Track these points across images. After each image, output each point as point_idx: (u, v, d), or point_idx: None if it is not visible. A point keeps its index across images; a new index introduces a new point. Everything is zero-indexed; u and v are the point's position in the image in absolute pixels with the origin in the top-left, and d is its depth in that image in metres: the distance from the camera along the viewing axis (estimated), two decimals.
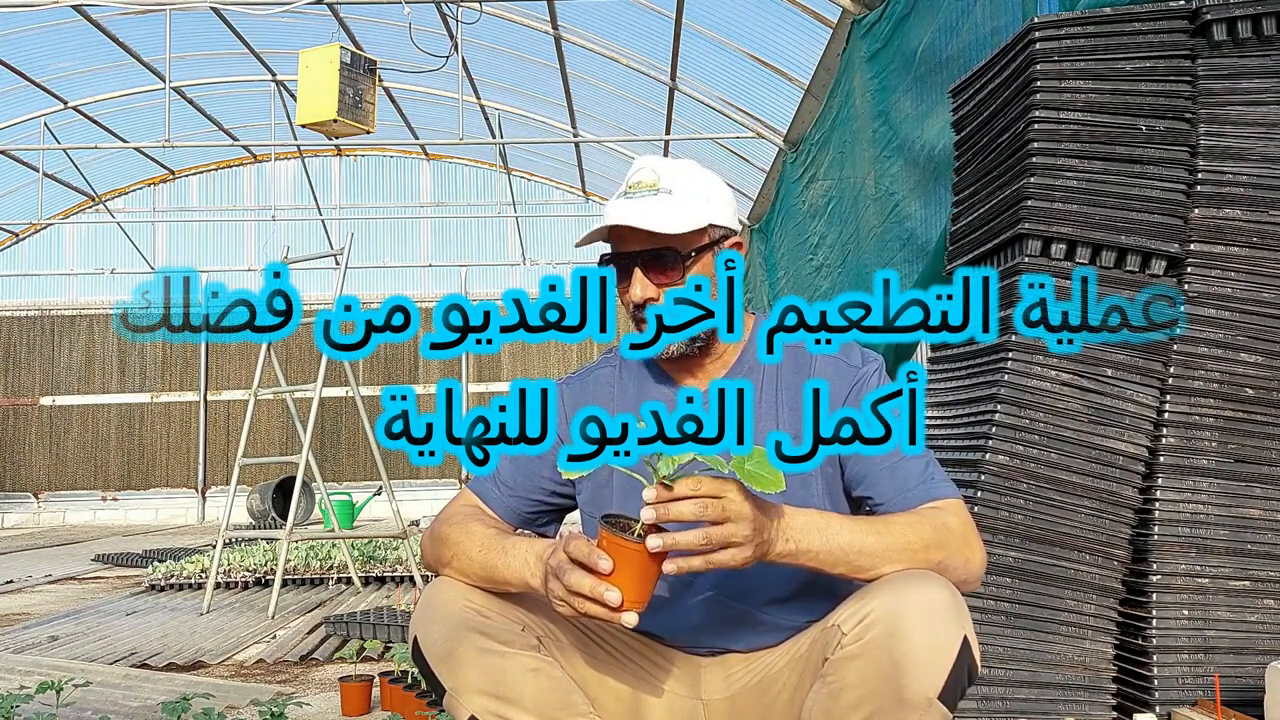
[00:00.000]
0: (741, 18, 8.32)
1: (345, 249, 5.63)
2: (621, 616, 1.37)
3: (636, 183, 1.65)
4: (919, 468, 1.62)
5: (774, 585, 1.67)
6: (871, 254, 6.23)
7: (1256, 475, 2.75)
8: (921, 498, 1.59)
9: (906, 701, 1.42)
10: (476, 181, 15.56)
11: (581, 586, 1.37)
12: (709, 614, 1.68)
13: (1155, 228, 2.83)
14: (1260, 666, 2.52)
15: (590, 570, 1.37)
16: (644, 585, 1.38)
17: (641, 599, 1.38)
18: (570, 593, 1.39)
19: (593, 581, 1.37)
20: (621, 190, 1.66)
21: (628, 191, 1.65)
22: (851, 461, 1.66)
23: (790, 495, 1.66)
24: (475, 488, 1.77)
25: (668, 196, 1.64)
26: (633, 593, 1.37)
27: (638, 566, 1.36)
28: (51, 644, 4.49)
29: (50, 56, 11.12)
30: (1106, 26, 2.87)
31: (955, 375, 3.18)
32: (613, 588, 1.36)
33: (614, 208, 1.64)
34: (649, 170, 1.66)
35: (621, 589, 1.36)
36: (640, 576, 1.37)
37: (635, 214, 1.61)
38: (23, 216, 14.11)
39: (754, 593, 1.67)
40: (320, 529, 10.23)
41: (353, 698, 3.12)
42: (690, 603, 1.68)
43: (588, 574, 1.37)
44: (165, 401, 15.07)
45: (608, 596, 1.36)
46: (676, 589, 1.68)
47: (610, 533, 1.37)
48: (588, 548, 1.38)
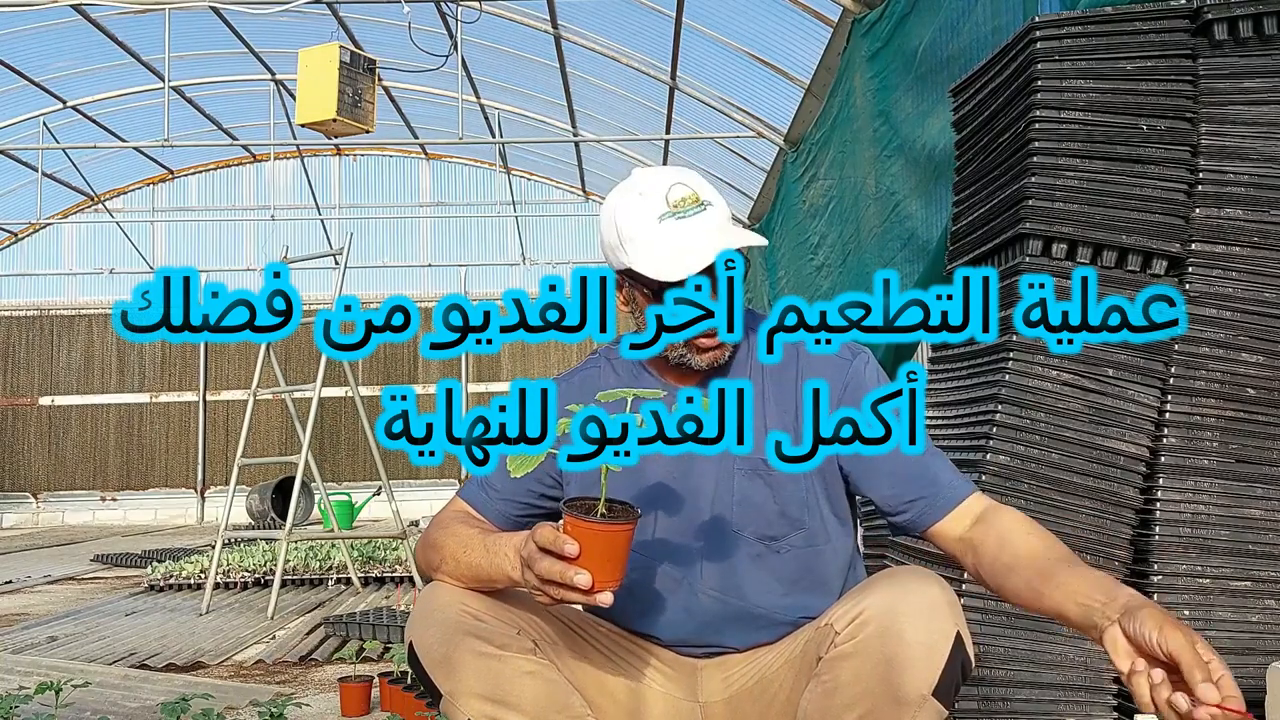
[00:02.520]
0: (742, 17, 8.31)
1: (345, 249, 5.62)
2: (596, 598, 1.37)
3: (680, 200, 1.59)
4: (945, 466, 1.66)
5: (768, 579, 1.68)
6: (872, 254, 6.22)
7: (1258, 475, 2.74)
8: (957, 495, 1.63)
9: (901, 699, 1.43)
10: (476, 181, 15.55)
11: (551, 573, 1.38)
12: (705, 610, 1.68)
13: (1156, 227, 2.82)
14: (1261, 667, 2.51)
15: (559, 556, 1.37)
16: (614, 564, 1.38)
17: (613, 578, 1.38)
18: (543, 580, 1.39)
19: (562, 567, 1.37)
20: (666, 210, 1.58)
21: (676, 211, 1.58)
22: (863, 464, 1.67)
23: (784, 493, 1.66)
24: (465, 494, 1.77)
25: (713, 209, 1.60)
26: (603, 573, 1.37)
27: (604, 546, 1.36)
28: (50, 644, 4.49)
29: (49, 56, 11.11)
30: (1107, 26, 2.87)
31: (955, 375, 3.18)
32: (581, 571, 1.36)
33: (681, 232, 1.57)
34: (682, 185, 1.60)
35: (591, 570, 1.36)
36: (608, 556, 1.37)
37: (726, 237, 1.57)
38: (22, 216, 14.10)
39: (749, 587, 1.67)
40: (320, 529, 10.23)
41: (352, 698, 3.12)
42: (686, 600, 1.68)
43: (557, 560, 1.38)
44: (164, 401, 15.07)
45: (577, 580, 1.36)
46: (672, 587, 1.69)
47: (573, 516, 1.37)
48: (553, 534, 1.38)
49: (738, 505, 1.66)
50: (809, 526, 1.67)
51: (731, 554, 1.67)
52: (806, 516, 1.67)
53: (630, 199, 1.61)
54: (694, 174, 1.65)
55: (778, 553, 1.67)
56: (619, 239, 1.61)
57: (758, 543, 1.67)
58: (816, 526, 1.68)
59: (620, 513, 1.40)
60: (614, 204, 1.64)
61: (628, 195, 1.62)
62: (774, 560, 1.67)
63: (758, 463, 1.65)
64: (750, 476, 1.66)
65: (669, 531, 1.68)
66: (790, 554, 1.67)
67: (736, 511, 1.66)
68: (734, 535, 1.67)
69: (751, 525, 1.66)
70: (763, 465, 1.65)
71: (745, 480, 1.66)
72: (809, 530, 1.68)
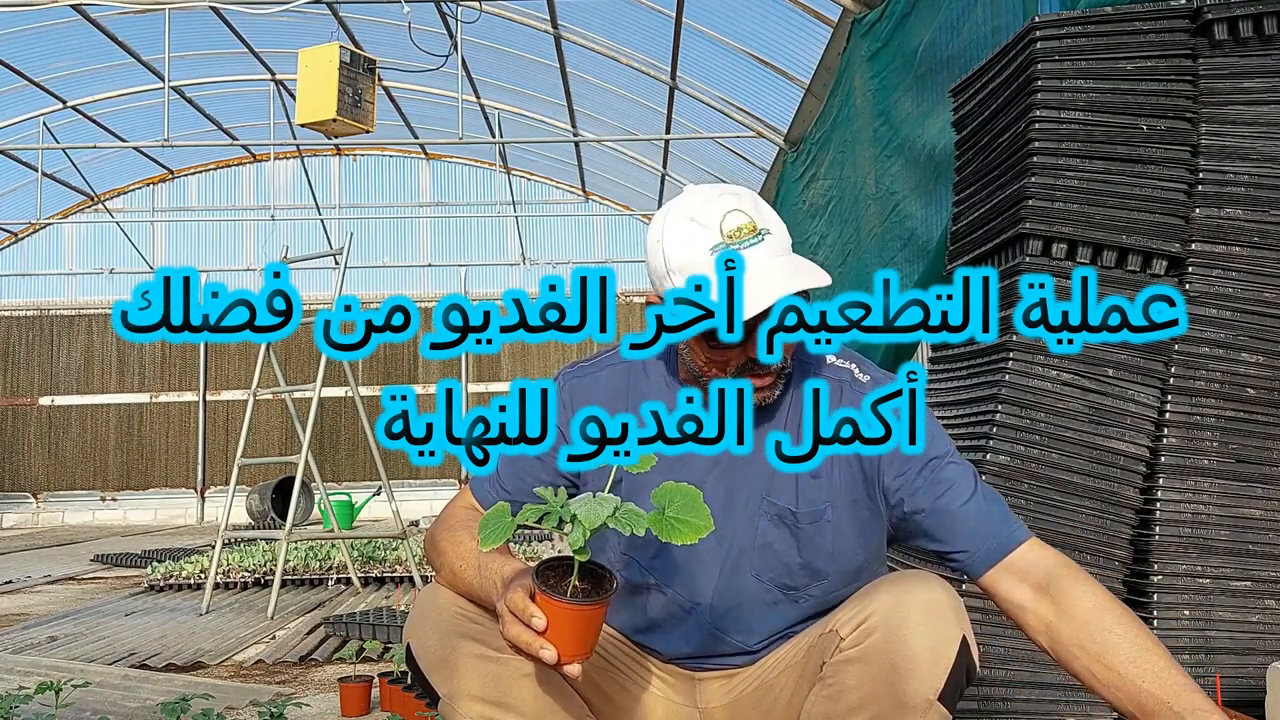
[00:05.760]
0: (742, 17, 8.31)
1: (345, 249, 5.62)
2: (564, 669, 1.34)
3: (736, 229, 1.47)
4: (998, 511, 1.57)
5: (778, 623, 1.65)
6: (872, 254, 6.22)
7: (1258, 475, 2.74)
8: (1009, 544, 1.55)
9: (906, 704, 1.42)
10: (476, 181, 15.54)
11: (519, 641, 1.35)
12: (709, 643, 1.66)
13: (1156, 227, 2.82)
14: (1261, 667, 2.51)
15: (528, 625, 1.34)
16: (582, 640, 1.34)
17: (580, 652, 1.34)
18: (511, 645, 1.37)
19: (529, 638, 1.34)
20: (720, 242, 1.46)
21: (732, 243, 1.46)
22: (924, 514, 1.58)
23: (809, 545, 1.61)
24: (475, 490, 1.74)
25: (771, 238, 1.49)
26: (570, 648, 1.33)
27: (572, 624, 1.33)
28: (50, 644, 4.49)
29: (49, 56, 11.10)
30: (1107, 26, 2.87)
31: (955, 375, 3.18)
32: (548, 645, 1.32)
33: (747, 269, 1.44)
34: (739, 213, 1.48)
35: (558, 646, 1.32)
36: (576, 633, 1.33)
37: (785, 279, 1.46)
38: (22, 216, 14.09)
39: (757, 628, 1.65)
40: (319, 529, 10.23)
41: (352, 698, 3.12)
42: (692, 630, 1.66)
43: (525, 629, 1.34)
44: (164, 401, 15.07)
45: (543, 654, 1.33)
46: (679, 615, 1.66)
47: (542, 592, 1.33)
48: (523, 603, 1.35)
49: (759, 550, 1.61)
50: (831, 577, 1.62)
51: (745, 598, 1.63)
52: (831, 569, 1.62)
53: (681, 225, 1.49)
54: (751, 195, 1.53)
55: (795, 602, 1.63)
56: (666, 269, 1.50)
57: (775, 590, 1.62)
58: (839, 576, 1.63)
59: (594, 587, 1.35)
60: (663, 228, 1.51)
61: (678, 221, 1.50)
62: (788, 609, 1.63)
63: (785, 511, 1.60)
64: (776, 523, 1.61)
65: (686, 561, 1.63)
66: (808, 602, 1.63)
67: (757, 556, 1.61)
68: (752, 581, 1.62)
69: (771, 573, 1.62)
70: (789, 514, 1.60)
71: (771, 526, 1.61)
72: (830, 580, 1.62)
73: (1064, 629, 1.47)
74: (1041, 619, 1.50)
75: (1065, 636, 1.47)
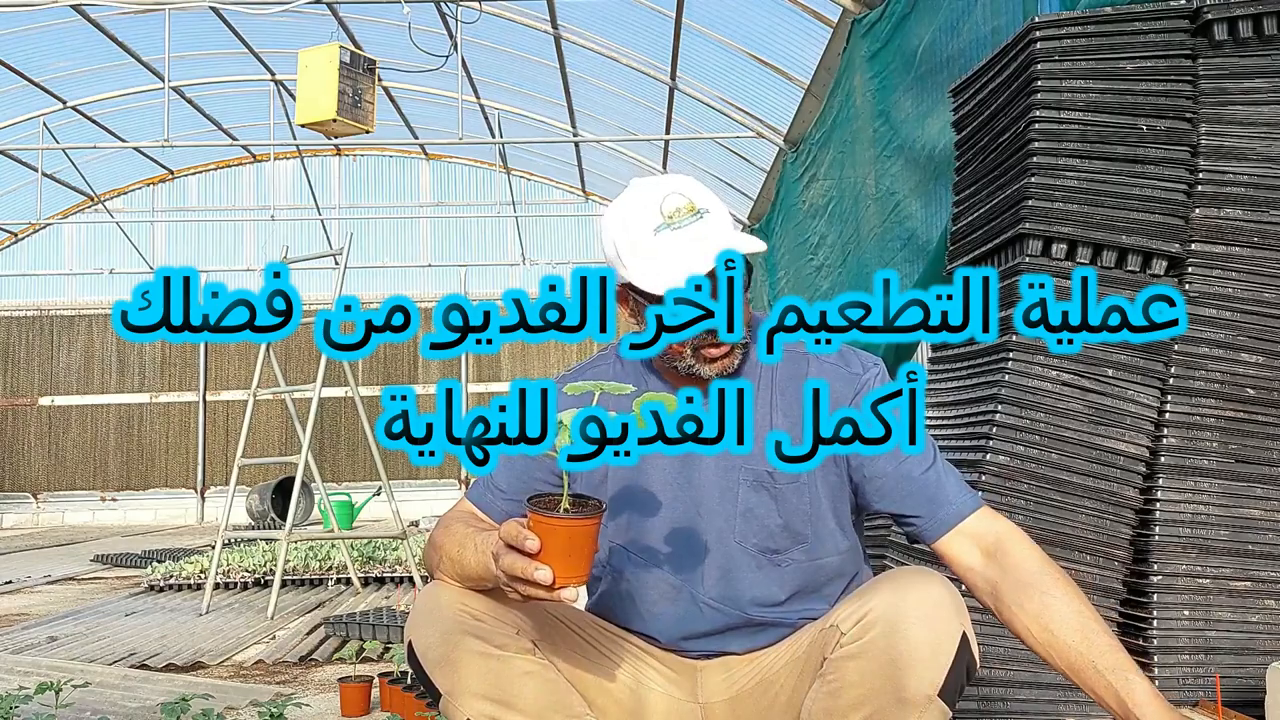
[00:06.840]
0: (742, 17, 8.32)
1: (345, 249, 5.62)
2: (559, 594, 1.36)
3: (675, 210, 1.57)
4: (954, 480, 1.65)
5: (770, 589, 1.67)
6: (872, 254, 6.22)
7: (1258, 476, 2.74)
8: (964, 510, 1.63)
9: (906, 700, 1.43)
10: (476, 181, 15.54)
11: (514, 569, 1.37)
12: (703, 618, 1.68)
13: (1156, 228, 2.82)
14: (1261, 667, 2.51)
15: (521, 551, 1.37)
16: (576, 560, 1.37)
17: (575, 573, 1.37)
18: (508, 576, 1.39)
19: (524, 563, 1.36)
20: (660, 222, 1.56)
21: (671, 222, 1.56)
22: (885, 479, 1.65)
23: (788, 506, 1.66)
24: (472, 495, 1.76)
25: (710, 216, 1.57)
26: (565, 569, 1.36)
27: (565, 541, 1.36)
28: (50, 644, 4.49)
29: (49, 56, 11.10)
30: (1107, 26, 2.87)
31: (955, 375, 3.18)
32: (543, 566, 1.35)
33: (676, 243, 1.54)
34: (677, 195, 1.58)
35: (553, 566, 1.35)
36: (569, 551, 1.36)
37: (722, 244, 1.54)
38: (21, 216, 14.09)
39: (747, 597, 1.67)
40: (320, 529, 10.23)
41: (352, 698, 3.12)
42: (687, 608, 1.68)
43: (520, 555, 1.37)
44: (164, 402, 15.07)
45: (538, 575, 1.35)
46: (672, 594, 1.68)
47: (534, 511, 1.37)
48: (516, 528, 1.38)
49: (741, 517, 1.65)
50: (811, 540, 1.67)
51: (733, 565, 1.66)
52: (809, 530, 1.66)
53: (625, 212, 1.59)
54: (691, 181, 1.62)
55: (779, 565, 1.66)
56: (617, 253, 1.60)
57: (760, 555, 1.66)
58: (819, 539, 1.67)
59: (583, 507, 1.39)
60: (611, 218, 1.62)
61: (623, 209, 1.60)
62: (775, 573, 1.67)
63: (763, 474, 1.64)
64: (755, 488, 1.65)
65: (671, 539, 1.67)
66: (792, 567, 1.67)
67: (740, 524, 1.66)
68: (736, 547, 1.66)
69: (754, 538, 1.65)
70: (767, 477, 1.64)
71: (750, 491, 1.65)
72: (810, 544, 1.67)
73: (1006, 590, 1.56)
74: (989, 580, 1.59)
75: (1008, 597, 1.56)
